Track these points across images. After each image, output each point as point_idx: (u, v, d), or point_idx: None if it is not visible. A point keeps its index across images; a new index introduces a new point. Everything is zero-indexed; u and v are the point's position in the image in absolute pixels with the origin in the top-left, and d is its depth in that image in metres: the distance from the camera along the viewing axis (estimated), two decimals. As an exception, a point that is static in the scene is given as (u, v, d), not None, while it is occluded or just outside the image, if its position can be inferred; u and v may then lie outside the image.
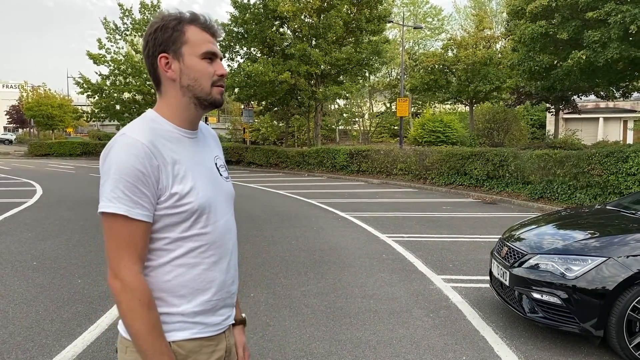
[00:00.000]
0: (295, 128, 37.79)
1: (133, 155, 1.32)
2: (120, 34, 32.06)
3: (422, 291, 5.45)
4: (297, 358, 3.80)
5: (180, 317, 1.42)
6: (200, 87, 1.43)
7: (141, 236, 1.35)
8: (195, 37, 1.42)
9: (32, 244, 7.51)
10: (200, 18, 1.44)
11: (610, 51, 11.39)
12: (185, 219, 1.40)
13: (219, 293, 1.48)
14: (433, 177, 16.64)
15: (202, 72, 1.42)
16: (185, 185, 1.39)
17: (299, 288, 5.50)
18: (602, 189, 11.07)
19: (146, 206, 1.34)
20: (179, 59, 1.42)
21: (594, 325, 3.78)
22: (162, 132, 1.42)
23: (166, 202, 1.37)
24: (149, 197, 1.34)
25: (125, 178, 1.31)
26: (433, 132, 26.51)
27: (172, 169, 1.38)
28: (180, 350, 1.41)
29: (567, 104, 21.05)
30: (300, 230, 8.80)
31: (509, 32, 17.24)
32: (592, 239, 4.32)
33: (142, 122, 1.43)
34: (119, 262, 1.33)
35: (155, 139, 1.37)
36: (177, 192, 1.37)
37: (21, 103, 53.90)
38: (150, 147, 1.34)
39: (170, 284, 1.41)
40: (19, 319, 4.53)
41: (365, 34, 24.42)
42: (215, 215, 1.46)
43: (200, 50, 1.42)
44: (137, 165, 1.32)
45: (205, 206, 1.42)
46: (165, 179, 1.36)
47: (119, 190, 1.31)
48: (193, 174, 1.42)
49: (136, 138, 1.34)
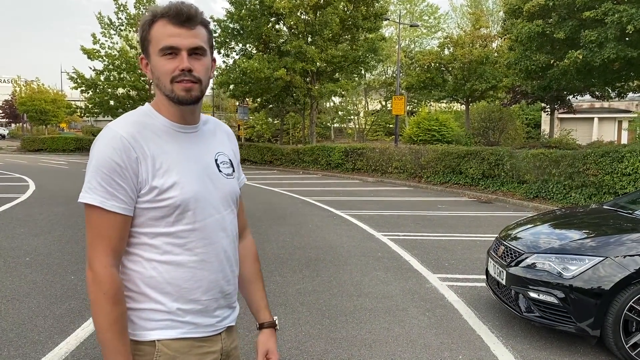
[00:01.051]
0: (290, 125, 37.75)
1: (111, 147, 1.31)
2: (114, 29, 31.87)
3: (418, 290, 5.43)
4: (293, 356, 3.77)
5: (167, 315, 1.38)
6: (163, 85, 1.38)
7: (116, 228, 1.32)
8: (157, 33, 1.37)
9: (25, 240, 7.44)
10: (170, 10, 1.36)
11: (607, 51, 11.41)
12: (167, 213, 1.36)
13: (209, 293, 1.44)
14: (428, 176, 16.63)
15: (161, 69, 1.37)
16: (168, 179, 1.35)
17: (294, 286, 5.47)
18: (597, 189, 11.09)
19: (122, 199, 1.32)
20: (149, 58, 1.40)
21: (590, 324, 3.77)
22: (151, 125, 1.39)
23: (146, 195, 1.34)
24: (127, 190, 1.32)
25: (102, 170, 1.30)
26: (428, 131, 26.49)
27: (153, 162, 1.35)
28: (166, 350, 1.37)
29: (562, 104, 21.10)
30: (295, 228, 8.76)
31: (505, 31, 17.25)
32: (589, 238, 4.31)
33: (132, 115, 1.42)
34: (93, 253, 1.31)
35: (137, 132, 1.35)
36: (157, 185, 1.34)
37: (14, 98, 53.57)
38: (129, 140, 1.32)
39: (156, 280, 1.37)
40: (12, 315, 4.48)
41: (362, 31, 24.38)
42: (204, 212, 1.41)
43: (158, 46, 1.36)
44: (115, 157, 1.30)
45: (191, 202, 1.37)
46: (144, 172, 1.33)
47: (95, 182, 1.30)
48: (179, 168, 1.38)
49: (117, 131, 1.33)
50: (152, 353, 1.37)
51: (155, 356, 1.37)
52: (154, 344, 1.37)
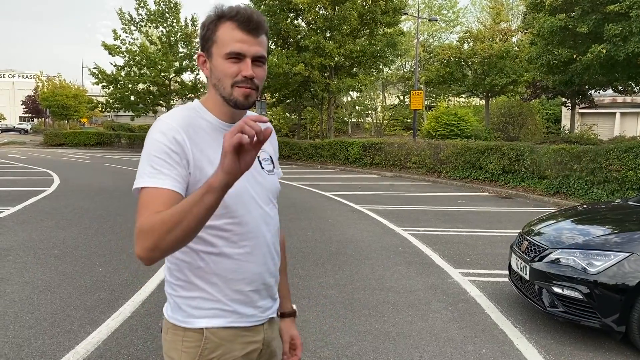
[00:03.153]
0: (307, 120, 37.81)
1: (164, 135, 1.35)
2: (135, 25, 32.22)
3: (440, 284, 5.47)
4: (317, 348, 3.83)
5: (214, 304, 1.43)
6: (223, 87, 1.41)
7: (162, 201, 1.27)
8: (224, 36, 1.39)
9: (53, 233, 7.63)
10: (239, 13, 1.39)
11: (632, 45, 11.23)
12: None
13: (253, 284, 1.48)
14: (447, 171, 16.57)
15: (224, 72, 1.40)
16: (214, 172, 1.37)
17: (316, 279, 5.54)
18: (620, 185, 10.96)
19: (173, 177, 1.32)
20: (210, 58, 1.43)
21: (615, 320, 3.77)
22: (199, 121, 1.44)
23: (194, 186, 1.35)
24: (178, 170, 1.33)
25: (154, 154, 1.33)
26: (447, 126, 26.33)
27: (201, 156, 1.38)
28: (214, 338, 1.42)
29: (583, 99, 20.82)
30: (315, 222, 8.83)
31: (527, 25, 17.05)
32: (614, 234, 4.30)
33: (181, 110, 1.45)
34: (137, 220, 1.25)
35: (188, 126, 1.39)
36: (203, 179, 1.34)
37: (37, 93, 54.48)
38: (180, 132, 1.36)
39: (203, 271, 1.42)
40: (44, 305, 4.62)
41: (380, 26, 24.31)
42: (248, 206, 1.45)
43: (225, 50, 1.39)
44: (167, 143, 1.34)
45: (235, 197, 1.39)
46: (192, 165, 1.37)
47: (148, 167, 1.32)
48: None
49: (170, 123, 1.38)
50: (200, 340, 1.42)
51: (203, 343, 1.42)
52: (202, 331, 1.42)
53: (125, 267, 5.88)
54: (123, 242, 7.11)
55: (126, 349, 3.75)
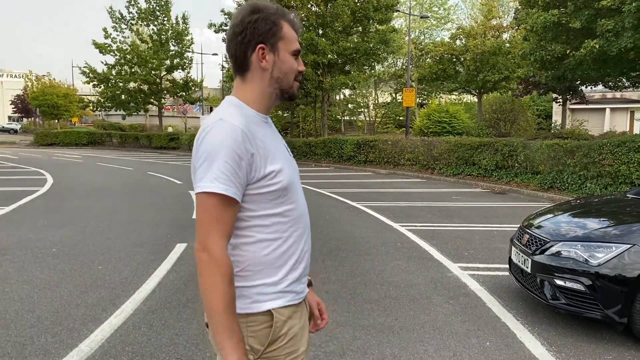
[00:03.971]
0: (300, 118, 37.76)
1: (232, 139, 1.40)
2: (126, 23, 32.02)
3: (440, 278, 5.49)
4: (323, 343, 3.84)
5: (277, 287, 1.52)
6: (287, 80, 1.55)
7: (232, 214, 1.43)
8: (289, 34, 1.54)
9: (49, 231, 7.57)
10: (289, 14, 1.57)
11: (624, 40, 11.30)
12: (277, 196, 1.49)
13: (304, 262, 1.60)
14: (441, 168, 16.63)
15: (292, 67, 1.55)
16: (276, 165, 1.48)
17: (317, 275, 5.54)
18: (613, 179, 11.06)
19: (239, 186, 1.42)
20: (275, 52, 1.52)
21: (617, 312, 3.80)
22: (250, 117, 1.50)
23: (260, 181, 1.46)
24: (241, 179, 1.42)
25: (225, 160, 1.39)
26: (439, 123, 26.43)
27: (264, 151, 1.47)
28: (281, 317, 1.52)
29: (574, 94, 20.95)
30: (313, 219, 8.76)
31: (520, 21, 17.12)
32: (614, 226, 4.33)
33: (232, 108, 1.50)
34: (208, 235, 1.39)
35: (249, 125, 1.46)
36: (271, 171, 1.47)
37: (26, 92, 54.00)
38: (247, 133, 1.43)
39: (269, 258, 1.51)
40: (44, 303, 4.59)
41: (373, 23, 24.31)
42: (297, 192, 1.58)
43: (292, 47, 1.55)
44: (236, 149, 1.40)
45: (290, 183, 1.52)
46: (258, 161, 1.45)
47: (219, 171, 1.38)
48: (278, 155, 1.52)
49: (235, 124, 1.42)
50: (268, 321, 1.50)
51: (275, 322, 1.50)
52: (270, 313, 1.50)
53: (125, 265, 5.85)
54: (120, 240, 7.08)
55: (130, 346, 3.73)
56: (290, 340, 1.54)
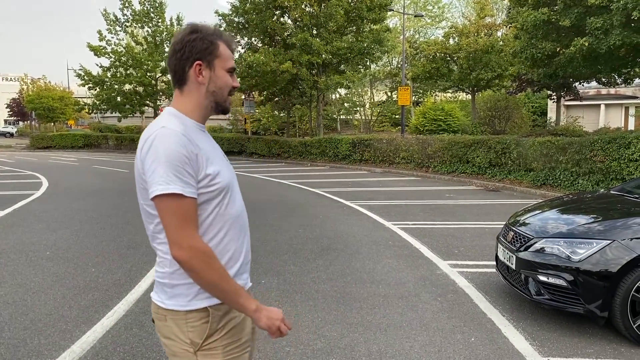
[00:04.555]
0: (296, 118, 37.80)
1: (178, 143, 1.54)
2: (120, 26, 32.02)
3: (429, 276, 5.57)
4: (310, 341, 3.91)
5: None
6: (222, 94, 1.72)
7: (194, 211, 1.57)
8: (225, 53, 1.70)
9: (44, 235, 7.63)
10: (225, 35, 1.73)
11: (613, 38, 11.41)
12: (215, 196, 1.63)
13: (241, 260, 1.73)
14: (435, 166, 16.73)
15: (226, 82, 1.71)
16: (215, 168, 1.62)
17: (308, 274, 5.61)
18: (605, 175, 11.16)
19: (193, 185, 1.56)
20: (211, 68, 1.68)
21: (598, 306, 3.89)
22: (188, 126, 1.65)
23: (202, 181, 1.59)
24: (194, 178, 1.56)
25: (175, 163, 1.52)
26: (434, 121, 26.50)
27: (204, 154, 1.60)
28: (217, 312, 1.64)
29: (568, 91, 21.06)
30: (306, 219, 8.91)
31: (511, 20, 17.22)
32: (597, 222, 4.42)
33: (172, 117, 1.65)
34: (183, 234, 1.53)
35: (187, 130, 1.60)
36: (210, 173, 1.60)
37: (21, 96, 53.91)
38: (187, 136, 1.57)
39: None
40: (38, 306, 4.65)
41: (367, 22, 24.36)
42: (236, 193, 1.73)
43: (227, 65, 1.71)
44: (183, 151, 1.54)
45: (229, 185, 1.67)
46: (202, 162, 1.59)
47: (172, 174, 1.52)
48: (216, 159, 1.67)
49: (176, 130, 1.57)
50: (205, 317, 1.63)
51: (211, 318, 1.63)
52: (206, 309, 1.63)
53: (118, 267, 5.91)
54: (114, 243, 7.14)
55: (122, 347, 3.80)
56: (229, 332, 1.66)
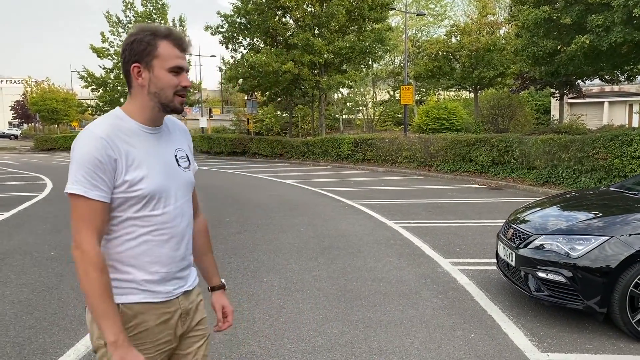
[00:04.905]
0: (299, 118, 37.85)
1: (93, 146, 1.58)
2: (123, 27, 32.14)
3: (430, 274, 5.60)
4: (311, 337, 3.96)
5: (130, 284, 1.68)
6: (165, 95, 1.68)
7: (98, 213, 1.60)
8: (165, 52, 1.66)
9: (48, 236, 7.70)
10: (173, 34, 1.68)
11: (614, 35, 11.40)
12: (137, 202, 1.65)
13: (167, 267, 1.73)
14: (438, 165, 16.74)
15: (168, 83, 1.67)
16: (138, 173, 1.64)
17: (310, 273, 5.65)
18: (607, 173, 11.15)
19: (103, 188, 1.59)
20: (150, 69, 1.67)
21: (597, 302, 3.91)
22: (123, 127, 1.67)
23: (121, 187, 1.62)
24: (106, 182, 1.60)
25: (85, 165, 1.57)
26: (437, 120, 26.48)
27: (127, 159, 1.63)
28: (128, 311, 1.67)
29: (571, 89, 21.02)
30: (308, 218, 8.95)
31: (512, 18, 17.22)
32: (595, 219, 4.45)
33: (106, 118, 1.69)
34: (78, 235, 1.58)
35: (113, 134, 1.63)
36: (128, 179, 1.62)
37: (25, 98, 54.17)
38: (107, 141, 1.60)
39: (122, 255, 1.67)
40: (43, 305, 4.71)
41: (368, 22, 24.38)
42: (167, 200, 1.71)
43: (168, 65, 1.67)
44: (97, 154, 1.58)
45: (156, 193, 1.67)
46: (120, 168, 1.62)
47: (80, 175, 1.58)
48: (147, 164, 1.67)
49: (96, 133, 1.61)
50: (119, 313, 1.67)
51: (121, 315, 1.65)
52: (119, 306, 1.65)
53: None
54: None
55: (125, 345, 3.84)
56: (137, 335, 1.68)
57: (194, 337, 1.87)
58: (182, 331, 1.82)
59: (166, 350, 1.77)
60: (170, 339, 1.77)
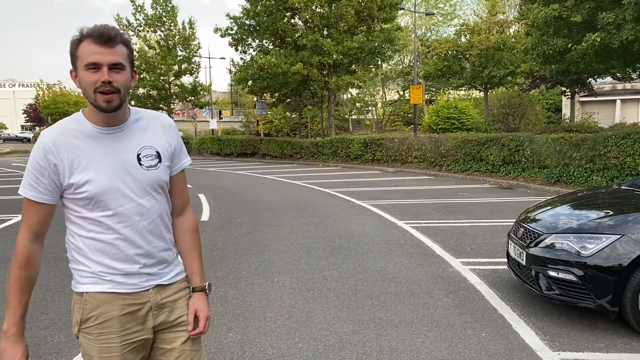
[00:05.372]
0: (308, 119, 37.92)
1: (37, 151, 1.70)
2: (133, 30, 32.39)
3: (441, 274, 5.60)
4: (322, 337, 3.98)
5: (92, 275, 1.76)
6: (87, 94, 1.68)
7: (35, 212, 1.74)
8: (83, 51, 1.65)
9: (62, 237, 7.66)
10: (95, 30, 1.65)
11: (625, 32, 11.31)
12: (86, 203, 1.72)
13: (127, 263, 1.77)
14: (449, 164, 16.69)
15: (86, 81, 1.66)
16: (83, 176, 1.70)
17: (320, 273, 5.68)
18: (619, 171, 11.07)
19: (40, 190, 1.71)
20: (77, 71, 1.69)
21: (609, 301, 3.90)
22: (76, 131, 1.73)
23: (69, 189, 1.71)
24: (45, 184, 1.70)
25: (29, 169, 1.72)
26: (448, 119, 26.39)
27: (71, 163, 1.69)
28: (92, 300, 1.75)
29: (582, 87, 20.89)
30: (318, 218, 8.98)
31: (522, 17, 17.14)
32: (606, 217, 4.43)
33: (62, 122, 1.78)
34: (20, 230, 1.75)
35: (59, 139, 1.70)
36: (74, 182, 1.70)
37: (37, 101, 54.80)
38: (51, 146, 1.69)
39: (83, 251, 1.76)
40: (58, 306, 4.78)
41: (377, 22, 24.39)
42: (118, 201, 1.73)
43: (84, 62, 1.65)
44: (38, 159, 1.70)
45: (104, 194, 1.70)
46: (62, 171, 1.69)
47: (26, 177, 1.73)
48: (96, 166, 1.71)
49: (43, 138, 1.72)
50: (82, 301, 1.77)
51: (83, 304, 1.76)
52: (82, 295, 1.77)
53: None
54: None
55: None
56: (101, 324, 1.75)
57: (176, 333, 1.86)
58: (156, 324, 1.82)
59: (136, 340, 1.79)
60: (139, 330, 1.79)
